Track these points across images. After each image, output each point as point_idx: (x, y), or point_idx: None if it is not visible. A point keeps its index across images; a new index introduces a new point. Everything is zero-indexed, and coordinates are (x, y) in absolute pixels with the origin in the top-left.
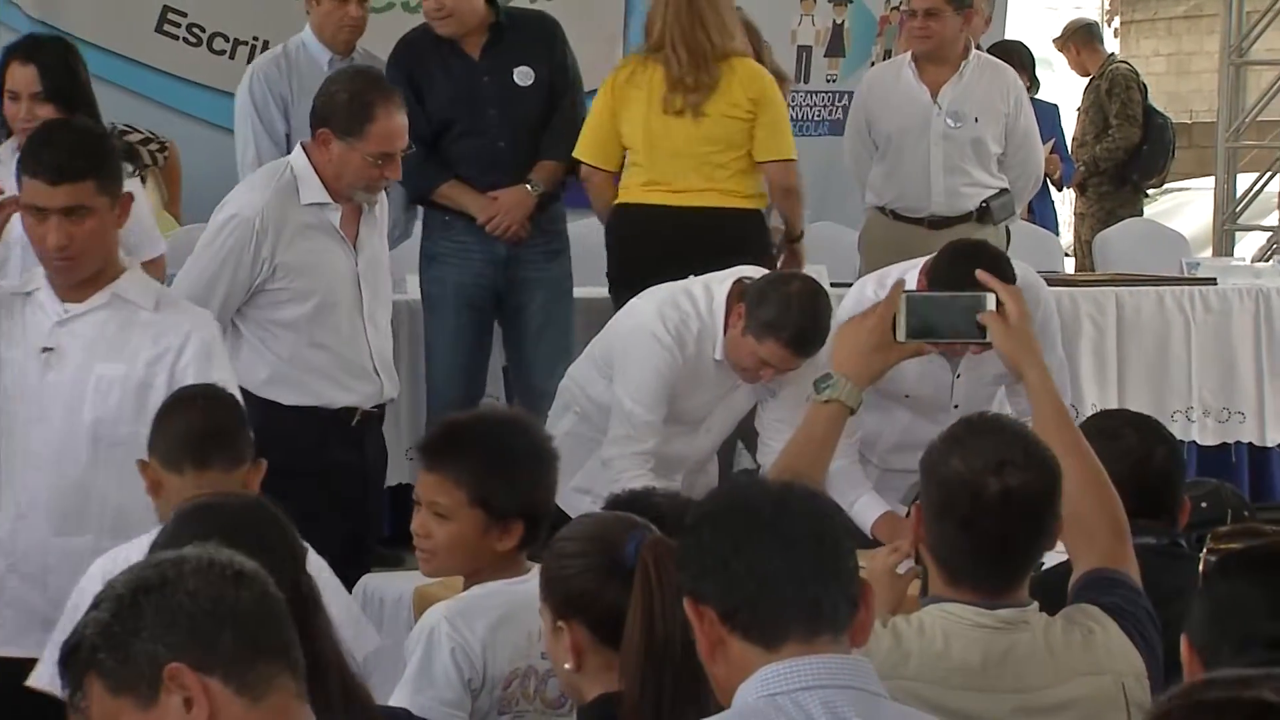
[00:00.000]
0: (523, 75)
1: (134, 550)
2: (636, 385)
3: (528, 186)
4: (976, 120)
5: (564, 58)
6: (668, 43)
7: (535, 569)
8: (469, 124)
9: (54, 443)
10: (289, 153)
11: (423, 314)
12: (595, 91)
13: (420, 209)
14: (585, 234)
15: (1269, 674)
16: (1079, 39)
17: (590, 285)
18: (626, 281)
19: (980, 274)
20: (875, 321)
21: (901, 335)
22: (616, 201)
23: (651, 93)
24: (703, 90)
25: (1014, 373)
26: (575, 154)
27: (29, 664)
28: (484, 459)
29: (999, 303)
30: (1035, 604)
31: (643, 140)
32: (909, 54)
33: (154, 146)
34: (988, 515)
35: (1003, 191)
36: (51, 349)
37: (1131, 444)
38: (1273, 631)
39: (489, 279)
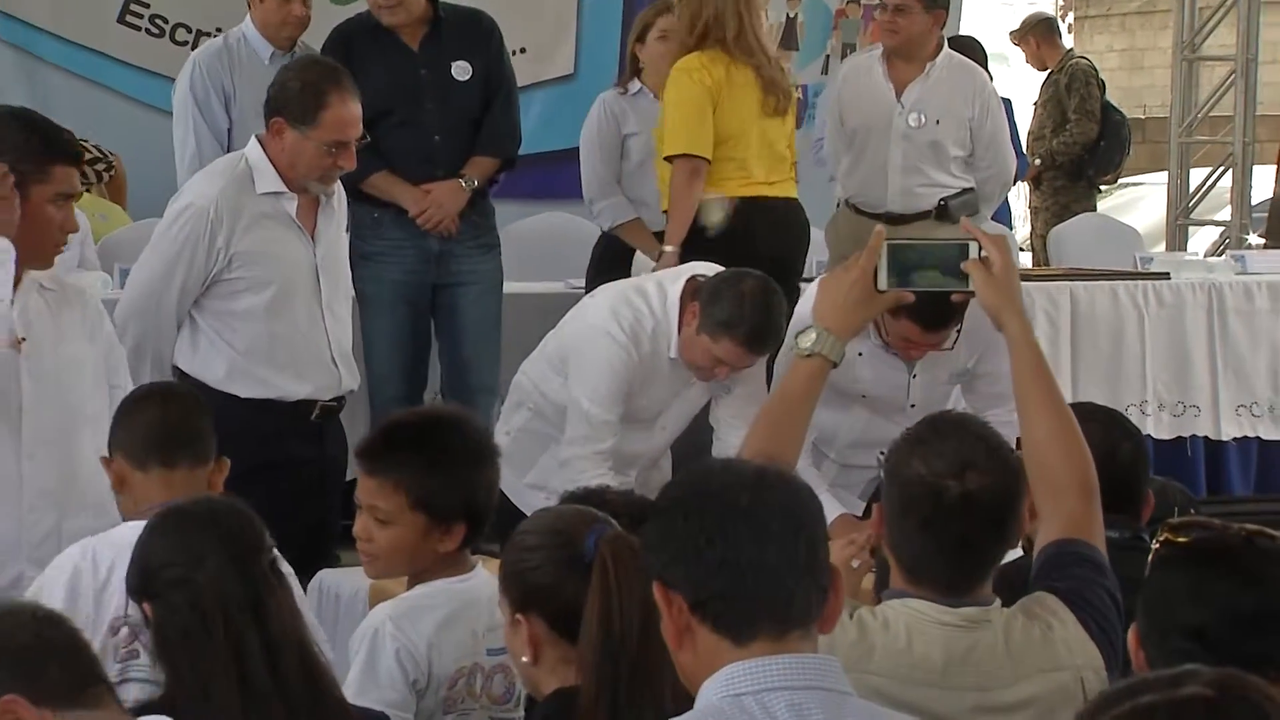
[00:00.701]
0: (460, 70)
1: (105, 544)
2: (593, 385)
3: (461, 182)
4: (938, 122)
5: (500, 55)
6: (754, 45)
7: (479, 567)
8: (405, 115)
9: (49, 429)
10: (230, 149)
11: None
12: (541, 84)
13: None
14: (528, 231)
15: (1197, 669)
16: (1039, 32)
17: (537, 280)
18: None
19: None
20: (857, 274)
21: (883, 284)
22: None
23: (753, 93)
24: (787, 90)
25: (995, 322)
26: (687, 150)
27: None
28: (424, 463)
29: (982, 251)
30: (998, 601)
31: (751, 139)
32: (882, 48)
33: (101, 166)
34: (949, 517)
35: (965, 190)
36: (24, 339)
37: (1097, 438)
38: (1189, 619)
39: (423, 274)
